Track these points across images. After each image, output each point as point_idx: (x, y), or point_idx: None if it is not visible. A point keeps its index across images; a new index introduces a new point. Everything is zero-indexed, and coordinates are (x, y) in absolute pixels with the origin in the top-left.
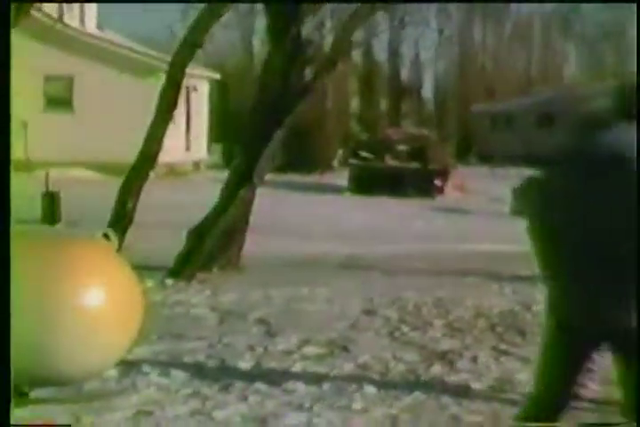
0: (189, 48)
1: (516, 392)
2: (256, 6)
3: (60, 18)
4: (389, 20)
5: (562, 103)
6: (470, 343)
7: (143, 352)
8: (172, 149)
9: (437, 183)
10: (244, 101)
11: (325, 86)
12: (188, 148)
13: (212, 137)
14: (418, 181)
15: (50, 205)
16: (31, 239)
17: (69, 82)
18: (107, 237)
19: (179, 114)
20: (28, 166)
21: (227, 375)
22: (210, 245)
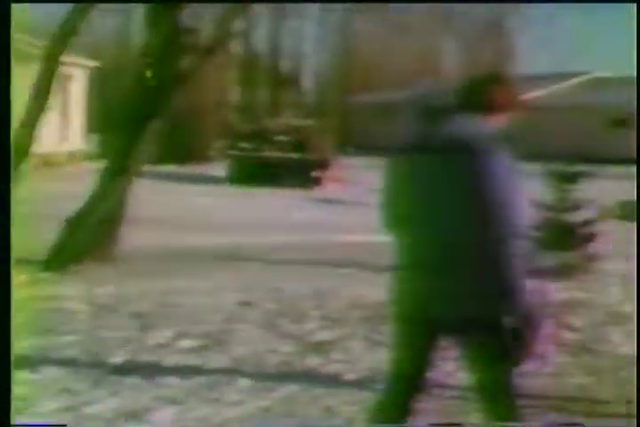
0: (65, 35)
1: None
2: None
3: None
4: (270, 11)
5: (437, 96)
6: (345, 334)
7: (13, 348)
8: (46, 139)
9: (316, 174)
10: (121, 90)
11: (204, 76)
12: (63, 138)
13: (89, 127)
14: (297, 171)
15: None
16: None
17: None
18: None
19: (54, 103)
20: None
21: (99, 370)
22: (84, 237)
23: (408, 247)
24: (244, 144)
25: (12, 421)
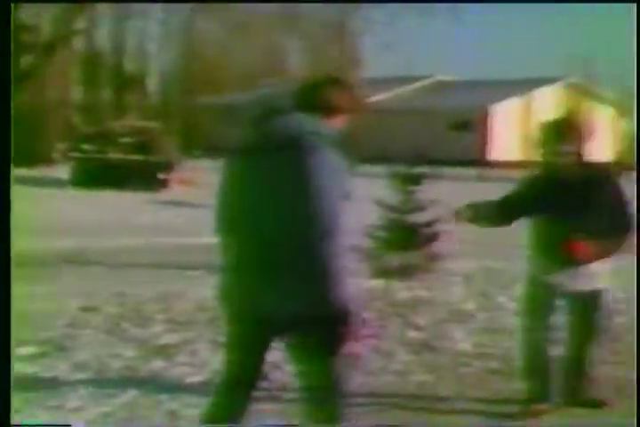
0: None
1: None
2: None
3: None
4: (113, 10)
5: (279, 97)
6: (191, 337)
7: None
8: None
9: (162, 176)
10: None
11: (46, 74)
12: None
13: None
14: (142, 174)
15: None
16: None
17: None
18: None
19: None
20: None
21: None
22: None
23: (236, 248)
24: (87, 146)
25: (12, 421)
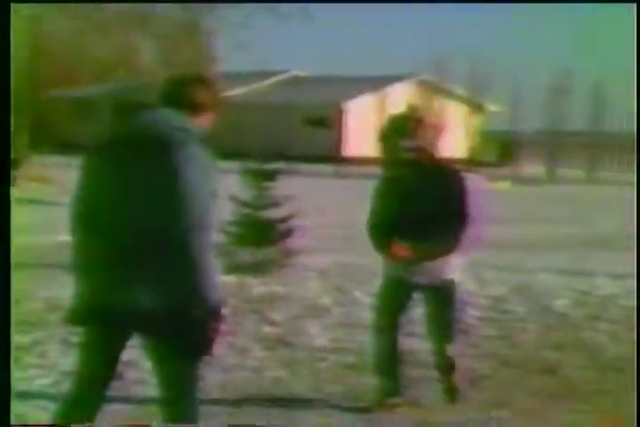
0: None
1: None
2: None
3: None
4: None
5: (132, 91)
6: (41, 337)
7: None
8: None
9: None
10: None
11: None
12: None
13: None
14: None
15: None
16: None
17: None
18: None
19: None
20: None
21: None
22: None
23: (92, 245)
24: None
25: (12, 421)
